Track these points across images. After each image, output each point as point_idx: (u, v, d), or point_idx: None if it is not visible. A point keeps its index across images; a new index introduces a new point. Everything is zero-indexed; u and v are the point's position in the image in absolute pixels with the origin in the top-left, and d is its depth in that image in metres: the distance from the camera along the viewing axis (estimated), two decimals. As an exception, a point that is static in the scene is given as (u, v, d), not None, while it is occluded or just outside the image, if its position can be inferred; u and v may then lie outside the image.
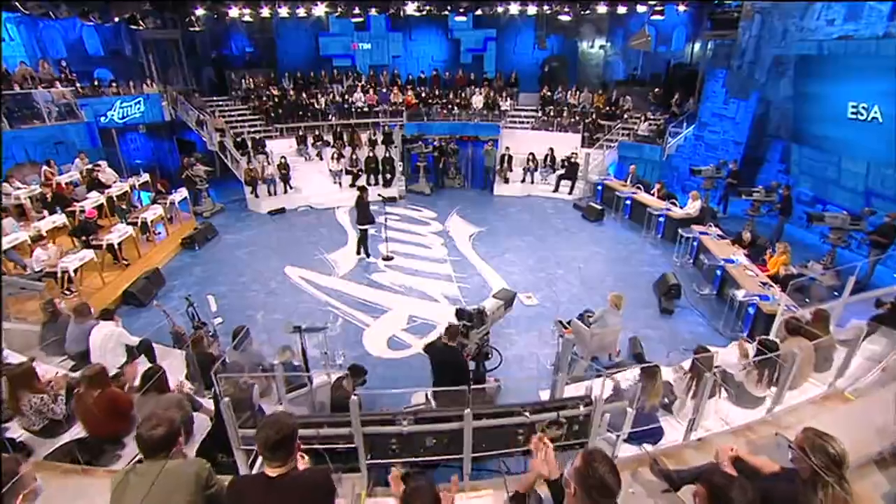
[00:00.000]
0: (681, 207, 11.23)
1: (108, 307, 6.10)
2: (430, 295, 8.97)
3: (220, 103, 16.85)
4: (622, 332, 6.92)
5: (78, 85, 13.15)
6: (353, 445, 3.28)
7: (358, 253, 10.42)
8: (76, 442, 3.75)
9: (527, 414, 3.44)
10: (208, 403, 4.51)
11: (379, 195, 11.18)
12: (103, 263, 8.65)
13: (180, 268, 10.14)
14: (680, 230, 10.08)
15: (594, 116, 16.11)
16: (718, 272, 8.63)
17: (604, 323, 6.76)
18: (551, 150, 15.13)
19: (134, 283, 8.56)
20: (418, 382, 6.46)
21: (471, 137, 16.27)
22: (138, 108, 14.04)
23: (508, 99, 17.42)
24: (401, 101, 17.18)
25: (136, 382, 4.15)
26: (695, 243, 9.84)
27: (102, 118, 13.32)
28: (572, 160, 14.42)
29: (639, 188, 12.68)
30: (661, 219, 11.19)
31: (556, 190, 14.61)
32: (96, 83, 13.82)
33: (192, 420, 4.15)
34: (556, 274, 9.73)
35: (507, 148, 15.22)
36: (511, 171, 15.16)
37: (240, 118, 16.50)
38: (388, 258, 10.39)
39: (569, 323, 7.21)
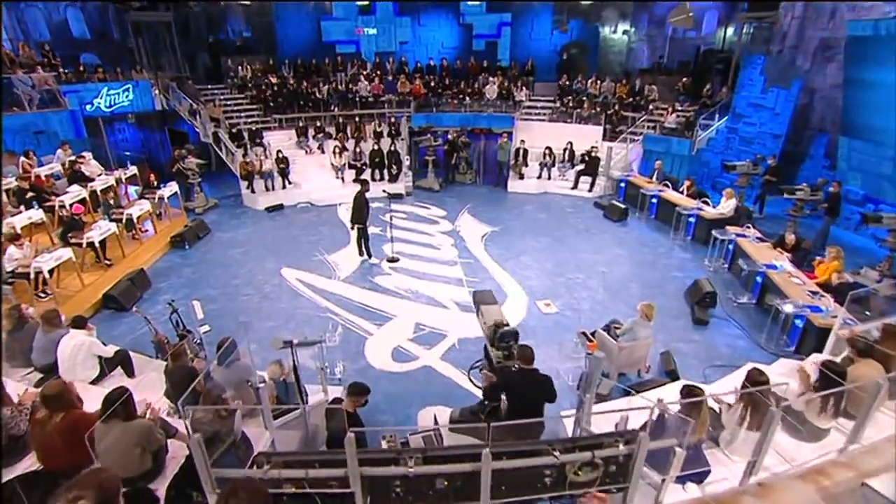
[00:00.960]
0: (713, 206, 10.83)
1: (81, 314, 5.74)
2: (438, 301, 8.65)
3: (216, 91, 16.63)
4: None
5: (62, 70, 12.93)
6: (349, 490, 2.89)
7: (360, 254, 10.13)
8: (25, 477, 3.38)
9: (556, 453, 3.03)
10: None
11: (384, 191, 10.88)
12: (83, 263, 8.37)
13: (168, 268, 9.90)
14: (714, 232, 9.67)
15: (617, 107, 15.73)
16: (759, 279, 8.21)
17: (633, 336, 6.36)
18: (570, 143, 14.83)
19: (115, 286, 8.25)
20: (424, 399, 6.28)
21: (483, 130, 16.01)
22: (127, 96, 13.78)
23: (524, 88, 17.03)
24: (408, 90, 16.91)
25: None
26: (730, 246, 9.46)
27: (88, 106, 13.07)
28: (593, 154, 14.12)
29: (666, 185, 12.31)
30: (692, 219, 10.81)
31: (575, 187, 14.30)
32: (82, 68, 13.57)
33: (165, 450, 3.78)
34: (576, 279, 9.38)
35: (523, 141, 14.93)
36: (526, 166, 14.85)
37: (236, 108, 16.27)
38: (393, 260, 10.10)
39: (593, 335, 6.82)
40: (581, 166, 14.34)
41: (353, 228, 10.01)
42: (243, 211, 13.13)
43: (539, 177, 14.73)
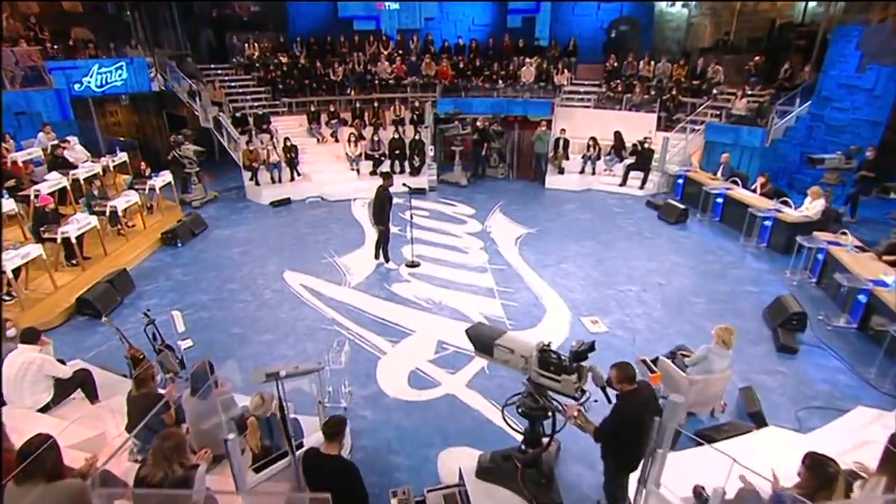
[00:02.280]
0: (795, 207, 10.06)
1: (33, 326, 5.21)
2: (465, 314, 8.11)
3: (219, 71, 16.53)
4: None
5: (49, 44, 12.86)
6: None
7: (376, 257, 9.77)
8: None
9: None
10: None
11: (405, 185, 10.42)
12: (56, 262, 8.02)
13: (156, 269, 9.64)
14: (799, 238, 8.86)
15: (674, 92, 15.17)
16: (862, 297, 7.36)
17: (707, 366, 5.66)
18: (618, 133, 14.36)
19: (92, 289, 7.88)
20: (446, 437, 5.68)
21: (518, 118, 15.74)
22: (120, 75, 13.63)
23: (565, 71, 16.54)
24: (434, 72, 16.57)
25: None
26: (820, 256, 8.70)
27: (76, 85, 12.97)
28: (645, 146, 13.64)
29: (734, 182, 11.65)
30: (768, 222, 10.08)
31: (623, 183, 13.92)
32: (71, 43, 13.48)
33: (108, 512, 3.14)
34: (628, 292, 8.75)
35: (563, 130, 14.53)
36: (567, 159, 14.51)
37: (241, 90, 16.16)
38: (413, 265, 9.67)
39: (655, 362, 6.09)
40: (631, 160, 13.90)
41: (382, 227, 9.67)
42: (245, 205, 13.06)
43: (582, 171, 14.38)
